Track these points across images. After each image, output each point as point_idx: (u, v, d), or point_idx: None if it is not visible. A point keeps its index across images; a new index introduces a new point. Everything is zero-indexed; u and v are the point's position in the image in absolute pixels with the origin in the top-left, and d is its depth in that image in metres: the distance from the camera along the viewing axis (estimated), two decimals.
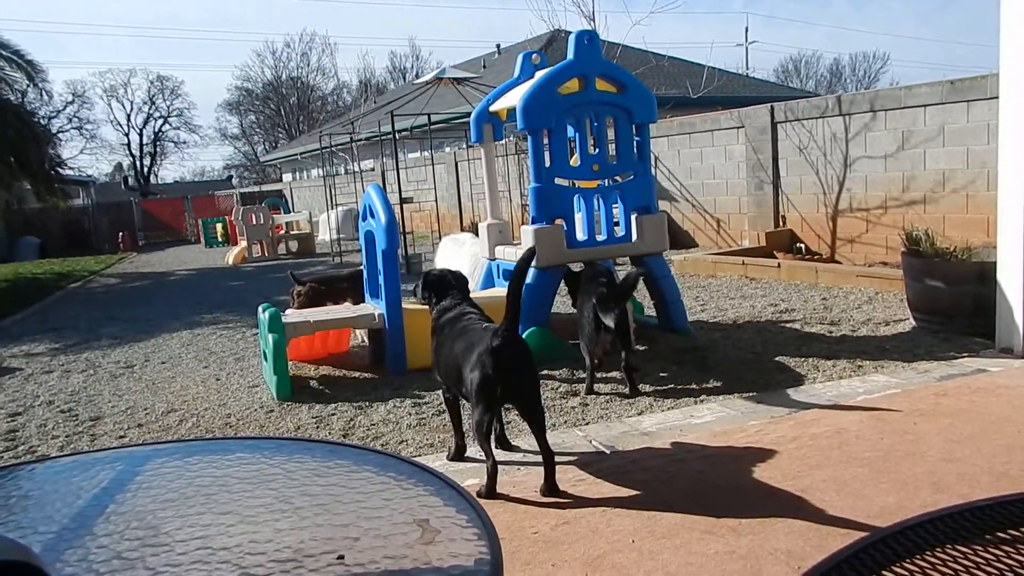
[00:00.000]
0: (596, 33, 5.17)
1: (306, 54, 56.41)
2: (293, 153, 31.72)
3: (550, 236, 4.90)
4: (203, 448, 1.24)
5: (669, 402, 3.85)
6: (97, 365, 5.87)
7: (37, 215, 20.84)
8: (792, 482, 2.70)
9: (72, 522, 0.95)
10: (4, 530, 0.93)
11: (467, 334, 2.92)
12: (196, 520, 0.96)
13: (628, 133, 5.13)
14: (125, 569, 0.83)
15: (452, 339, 2.99)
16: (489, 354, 2.72)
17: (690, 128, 10.15)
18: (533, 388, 2.84)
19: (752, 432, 3.23)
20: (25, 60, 13.56)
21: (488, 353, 2.72)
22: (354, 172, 16.10)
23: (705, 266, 7.96)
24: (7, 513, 0.99)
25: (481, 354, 2.75)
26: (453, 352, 2.94)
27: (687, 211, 10.37)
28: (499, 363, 2.71)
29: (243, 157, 52.55)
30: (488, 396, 2.74)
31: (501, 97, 5.73)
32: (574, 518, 2.55)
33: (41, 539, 0.90)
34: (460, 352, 2.89)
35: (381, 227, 4.71)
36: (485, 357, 2.72)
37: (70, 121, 43.14)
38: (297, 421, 4.02)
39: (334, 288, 5.73)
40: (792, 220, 8.74)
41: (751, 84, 24.08)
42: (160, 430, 4.06)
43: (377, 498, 1.02)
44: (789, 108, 8.64)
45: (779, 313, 5.71)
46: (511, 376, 2.74)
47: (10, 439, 4.09)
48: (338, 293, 5.65)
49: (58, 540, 0.90)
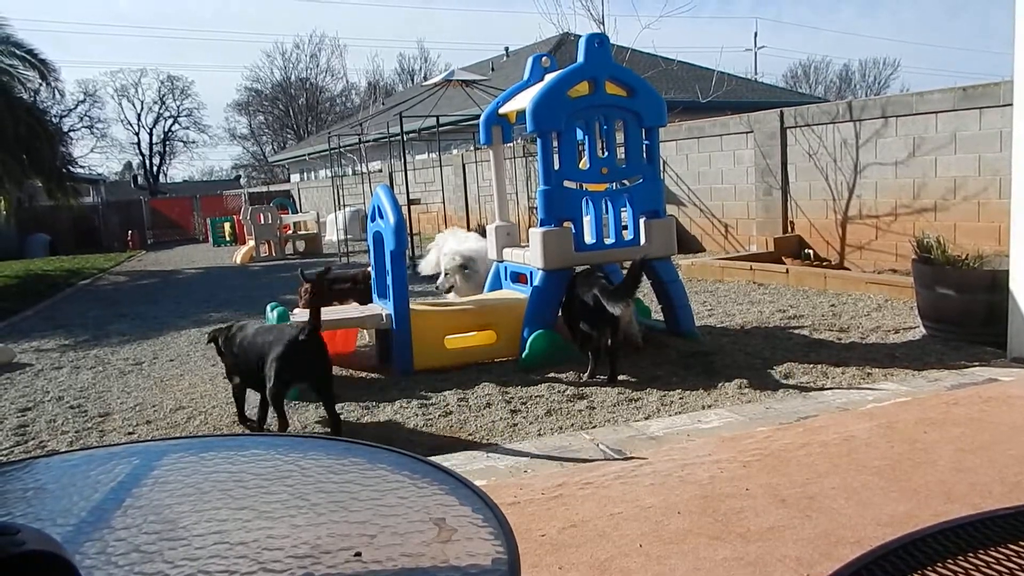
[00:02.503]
0: (606, 36, 5.17)
1: (315, 55, 56.67)
2: (301, 154, 31.83)
3: (558, 239, 4.90)
4: (218, 444, 1.24)
5: (676, 407, 3.85)
6: (106, 362, 5.90)
7: (47, 212, 20.96)
8: (801, 489, 2.68)
9: (90, 515, 0.95)
10: (24, 522, 0.93)
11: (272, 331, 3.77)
12: (213, 515, 0.97)
13: (638, 137, 5.13)
14: (144, 562, 0.84)
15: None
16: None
17: (699, 132, 10.14)
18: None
19: (760, 438, 3.22)
20: (38, 59, 13.64)
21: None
22: (362, 173, 16.14)
23: (713, 271, 7.94)
24: (26, 505, 1.00)
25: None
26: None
27: (695, 216, 10.36)
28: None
29: (252, 157, 52.78)
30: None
31: (511, 99, 5.74)
32: (581, 521, 2.55)
33: (60, 531, 0.90)
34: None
35: (390, 228, 4.72)
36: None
37: (81, 120, 43.49)
38: (304, 420, 4.03)
39: (340, 288, 5.74)
40: (801, 226, 8.72)
41: (760, 89, 24.05)
42: (168, 427, 4.07)
43: (392, 496, 1.02)
44: (799, 113, 8.63)
45: (787, 319, 5.69)
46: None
47: (20, 434, 4.11)
48: (344, 292, 5.67)
49: (77, 533, 0.90)
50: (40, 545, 0.56)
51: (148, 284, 12.25)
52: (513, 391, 4.26)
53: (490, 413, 3.92)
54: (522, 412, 3.91)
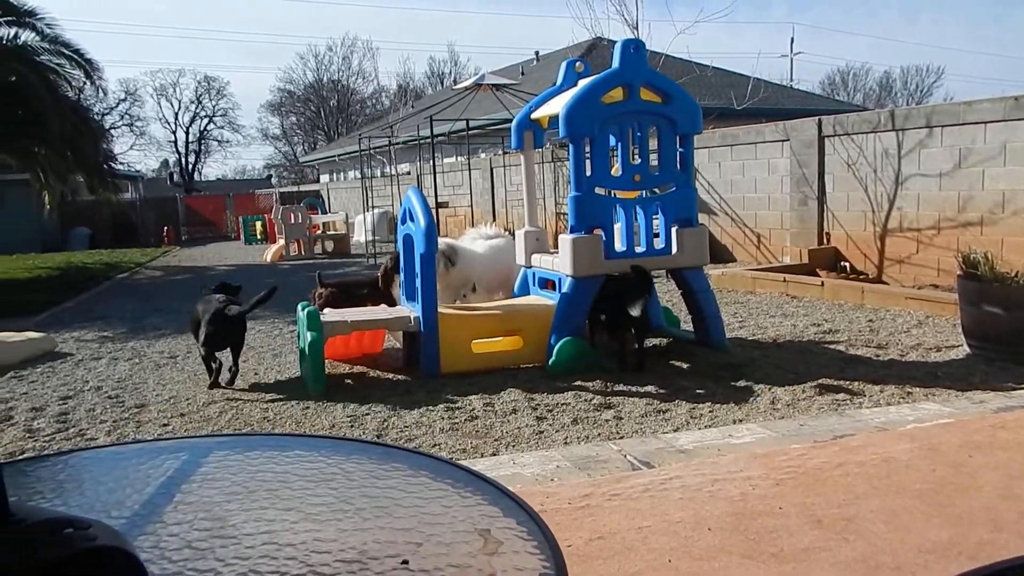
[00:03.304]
0: (642, 42, 5.15)
1: (347, 58, 57.25)
2: (331, 155, 32.14)
3: (588, 246, 4.88)
4: (262, 443, 1.26)
5: (706, 420, 3.81)
6: (142, 354, 6.01)
7: (88, 207, 21.41)
8: (837, 510, 2.63)
9: (143, 509, 0.97)
10: (79, 511, 0.95)
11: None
12: (261, 515, 0.97)
13: (671, 144, 5.10)
14: (196, 559, 0.85)
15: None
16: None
17: (732, 140, 10.05)
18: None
19: (794, 456, 3.17)
20: (84, 58, 13.93)
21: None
22: (390, 175, 16.26)
23: (744, 281, 7.86)
24: (80, 496, 1.02)
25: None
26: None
27: (726, 225, 10.26)
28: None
29: (283, 157, 53.47)
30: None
31: (543, 105, 5.73)
32: (608, 533, 2.53)
33: (114, 524, 0.91)
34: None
35: (420, 231, 4.74)
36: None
37: (122, 118, 44.48)
38: (332, 419, 4.06)
39: (355, 293, 5.70)
40: (837, 237, 8.59)
41: (796, 96, 23.77)
42: (201, 420, 4.13)
43: (436, 504, 1.02)
44: (838, 122, 8.51)
45: (822, 333, 5.61)
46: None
47: (62, 421, 4.21)
48: (359, 299, 5.60)
49: (130, 526, 0.92)
50: (109, 540, 0.57)
51: (182, 280, 12.44)
52: (539, 398, 4.25)
53: (516, 419, 3.91)
54: (548, 419, 3.90)
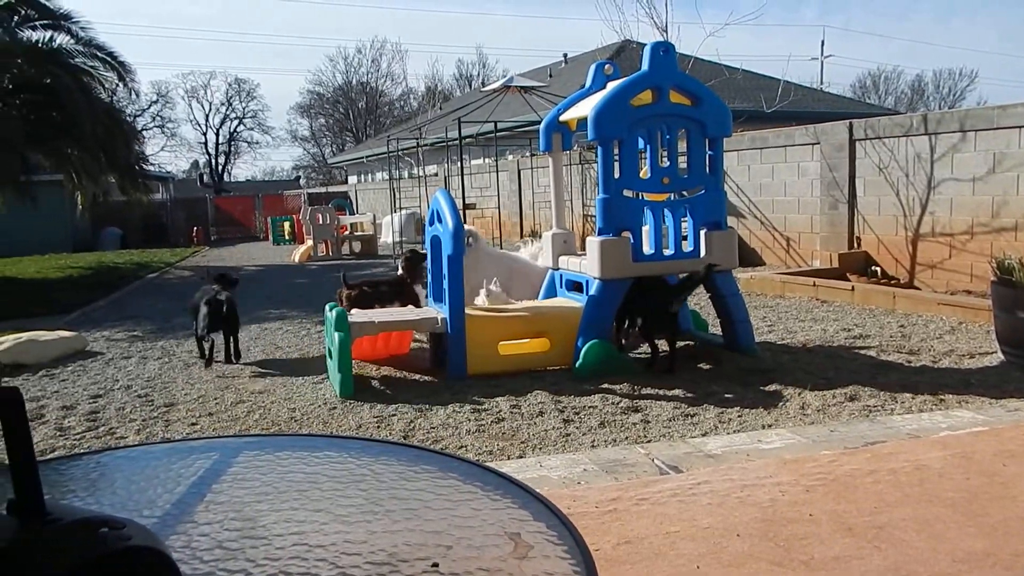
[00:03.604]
0: (672, 45, 5.11)
1: (376, 60, 57.60)
2: (359, 156, 32.40)
3: (616, 248, 4.85)
4: (291, 444, 1.26)
5: (735, 424, 3.76)
6: (171, 354, 6.09)
7: (120, 208, 21.73)
8: (869, 518, 2.58)
9: (174, 508, 0.97)
10: (111, 510, 0.95)
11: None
12: (291, 515, 0.97)
13: (701, 147, 5.06)
14: (227, 559, 0.85)
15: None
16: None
17: (762, 143, 9.94)
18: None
19: (825, 462, 3.12)
20: (117, 61, 14.16)
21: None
22: (418, 176, 16.34)
23: (773, 285, 7.76)
24: (112, 495, 1.02)
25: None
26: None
27: (755, 228, 10.15)
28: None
29: (311, 159, 54.00)
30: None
31: (572, 107, 5.72)
32: (636, 538, 2.50)
33: (146, 523, 0.91)
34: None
35: (448, 232, 4.75)
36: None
37: (153, 120, 45.25)
38: (359, 420, 4.08)
39: (378, 292, 5.81)
40: (868, 242, 8.45)
41: (827, 99, 23.44)
42: (229, 420, 4.17)
43: (466, 507, 1.01)
44: (869, 125, 8.37)
45: (852, 339, 5.52)
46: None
47: (92, 419, 4.28)
48: (383, 296, 5.73)
49: (162, 525, 0.92)
50: (144, 540, 0.57)
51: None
52: (566, 400, 4.23)
53: (542, 422, 3.90)
54: (575, 422, 3.88)
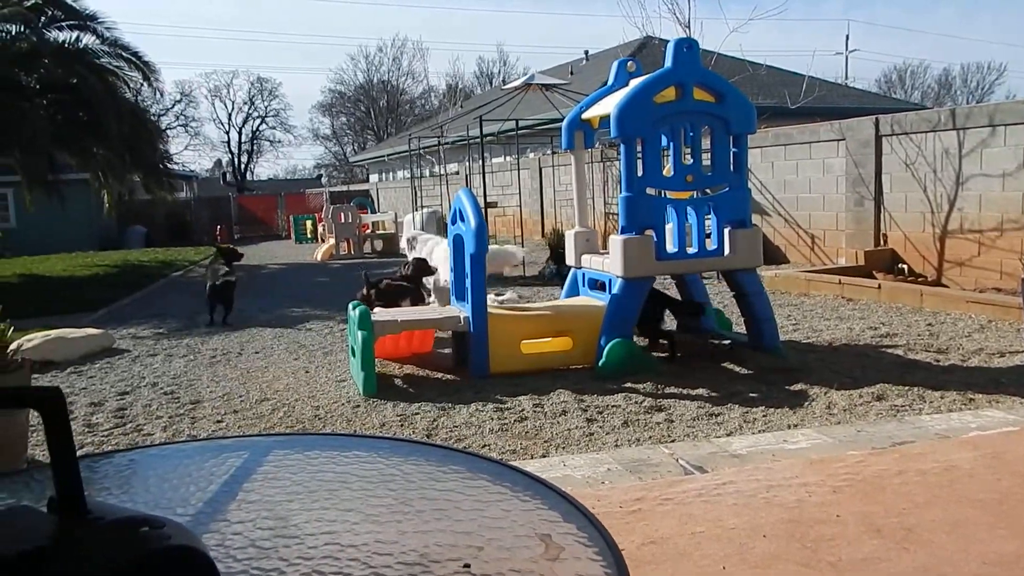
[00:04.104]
0: (696, 41, 5.07)
1: (397, 59, 57.78)
2: (380, 154, 32.54)
3: (639, 247, 4.83)
4: (321, 443, 1.26)
5: (760, 424, 3.72)
6: (197, 351, 6.16)
7: (145, 206, 22.06)
8: (897, 519, 2.55)
9: (207, 506, 0.97)
10: (145, 508, 0.96)
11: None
12: (322, 515, 0.98)
13: (725, 144, 5.01)
14: (260, 558, 0.85)
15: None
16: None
17: (786, 139, 9.83)
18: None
19: (852, 463, 3.08)
20: (142, 60, 14.35)
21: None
22: (439, 175, 16.38)
23: (798, 283, 7.68)
24: (145, 492, 1.03)
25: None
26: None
27: (779, 226, 10.05)
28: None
29: (333, 157, 54.31)
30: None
31: (594, 104, 5.69)
32: (661, 538, 2.49)
33: (180, 521, 0.92)
34: None
35: (470, 231, 4.75)
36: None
37: (177, 119, 45.77)
38: (382, 418, 4.09)
39: (397, 291, 5.95)
40: (894, 239, 8.33)
41: (852, 94, 23.16)
42: (254, 417, 4.21)
43: (496, 508, 1.01)
44: (896, 121, 8.25)
45: (879, 337, 5.44)
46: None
47: (119, 416, 4.34)
48: (400, 294, 5.89)
49: (196, 523, 0.93)
50: (183, 540, 0.57)
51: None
52: (589, 399, 4.22)
53: (565, 421, 3.89)
54: (598, 421, 3.86)
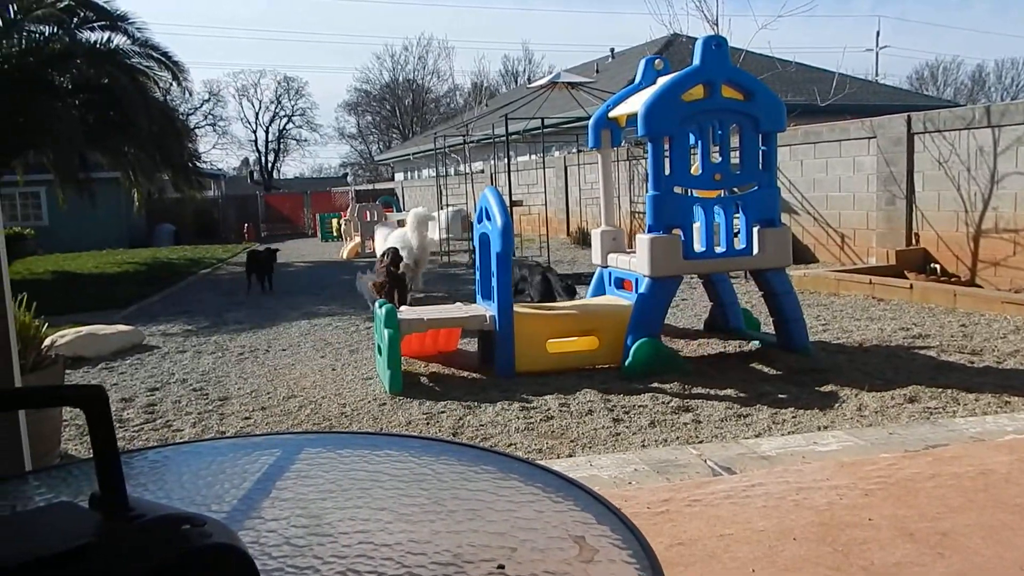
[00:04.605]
0: (724, 39, 5.01)
1: (423, 57, 57.96)
2: (406, 153, 32.69)
3: (666, 246, 4.79)
4: (352, 441, 1.27)
5: (789, 425, 3.68)
6: (225, 348, 6.23)
7: (173, 204, 22.37)
8: (931, 524, 2.50)
9: (241, 504, 0.98)
10: (181, 504, 0.97)
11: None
12: (355, 513, 0.98)
13: (754, 142, 4.95)
14: (295, 556, 0.85)
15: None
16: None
17: (815, 137, 9.70)
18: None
19: (884, 465, 3.03)
20: (172, 60, 14.56)
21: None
22: (465, 173, 16.41)
23: (827, 283, 7.57)
24: (180, 489, 1.04)
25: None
26: None
27: (808, 224, 9.92)
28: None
29: (358, 156, 54.67)
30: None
31: (621, 103, 5.66)
32: (689, 540, 2.47)
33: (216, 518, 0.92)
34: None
35: (497, 230, 4.75)
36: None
37: (205, 118, 46.37)
38: (408, 416, 4.11)
39: (393, 283, 7.02)
40: (927, 238, 8.18)
41: (883, 92, 22.77)
42: (282, 414, 4.25)
43: (529, 509, 1.00)
44: (928, 118, 8.10)
45: (911, 338, 5.35)
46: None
47: (149, 412, 4.40)
48: (395, 286, 6.96)
49: (231, 521, 0.93)
50: (224, 538, 0.57)
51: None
52: (615, 399, 4.20)
53: (592, 420, 3.87)
54: (625, 421, 3.84)
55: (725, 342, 5.44)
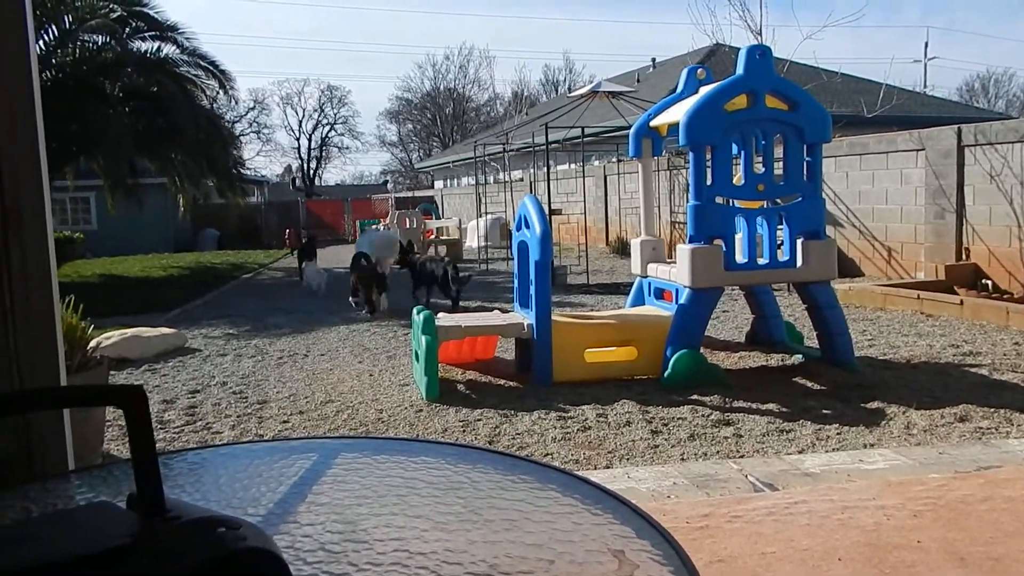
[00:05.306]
0: (769, 48, 4.94)
1: (464, 66, 58.42)
2: (445, 161, 32.93)
3: (707, 257, 4.72)
4: (389, 447, 1.26)
5: (834, 442, 3.58)
6: (265, 352, 6.32)
7: (218, 210, 22.87)
8: (983, 548, 2.40)
9: (276, 507, 0.97)
10: (217, 507, 0.97)
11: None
12: (391, 520, 0.96)
13: (798, 153, 4.86)
14: (330, 562, 0.84)
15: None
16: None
17: (861, 149, 9.50)
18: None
19: (933, 486, 2.92)
20: (219, 69, 14.92)
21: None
22: (504, 182, 16.45)
23: (873, 298, 7.38)
24: (217, 491, 1.04)
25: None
26: None
27: (853, 237, 9.70)
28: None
29: (399, 163, 55.24)
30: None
31: (663, 112, 5.61)
32: (730, 557, 2.41)
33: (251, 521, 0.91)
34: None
35: (536, 238, 4.73)
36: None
37: (250, 125, 47.36)
38: (445, 423, 4.10)
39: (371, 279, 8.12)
40: (978, 253, 7.93)
41: (931, 103, 22.23)
42: (319, 419, 4.28)
43: (566, 520, 0.98)
44: (980, 130, 7.87)
45: (961, 355, 5.17)
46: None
47: (190, 414, 4.47)
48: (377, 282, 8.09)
49: (266, 524, 0.92)
50: (259, 542, 0.56)
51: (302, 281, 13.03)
52: (654, 411, 4.13)
53: (630, 432, 3.82)
54: (663, 434, 3.78)
55: (767, 355, 5.33)
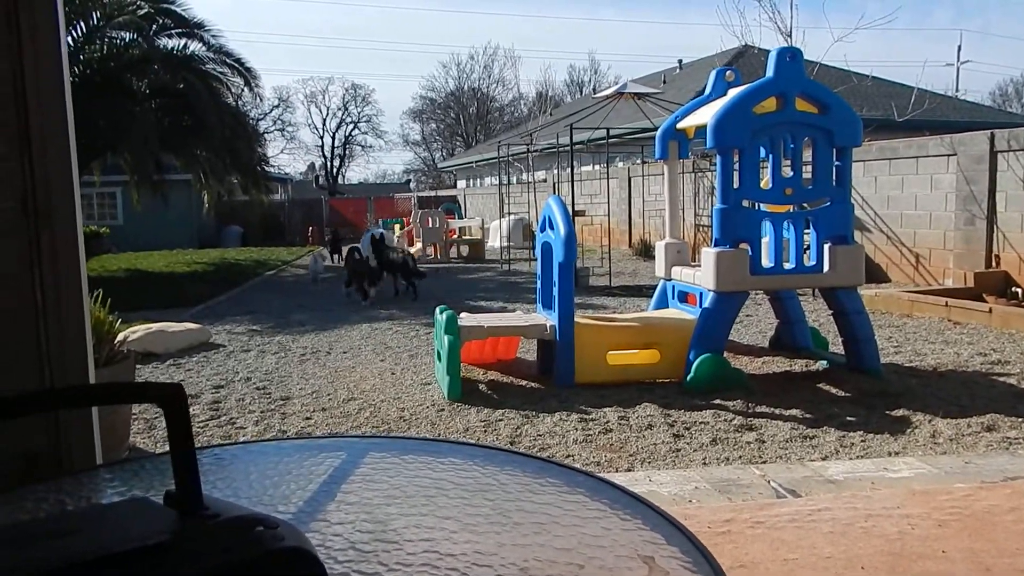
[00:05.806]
0: (799, 51, 4.89)
1: (488, 66, 58.44)
2: (469, 161, 32.98)
3: (733, 261, 4.68)
4: (416, 447, 1.26)
5: (858, 450, 3.53)
6: (288, 349, 6.37)
7: (242, 207, 23.06)
8: (1010, 560, 2.36)
9: (307, 506, 0.98)
10: (249, 505, 0.97)
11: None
12: (420, 521, 0.97)
13: (827, 157, 4.81)
14: (360, 561, 0.85)
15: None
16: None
17: (891, 153, 9.37)
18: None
19: (959, 496, 2.87)
20: (244, 67, 15.05)
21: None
22: (527, 182, 16.45)
23: (900, 304, 7.28)
24: (248, 488, 1.05)
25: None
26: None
27: (880, 243, 9.57)
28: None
29: (422, 163, 55.42)
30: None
31: (690, 114, 5.58)
32: (751, 563, 2.39)
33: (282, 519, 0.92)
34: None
35: (560, 239, 4.73)
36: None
37: (274, 123, 47.78)
38: (466, 423, 4.11)
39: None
40: (1008, 261, 7.78)
41: (963, 108, 21.87)
42: (341, 416, 4.31)
43: (595, 525, 0.98)
44: (1013, 136, 7.73)
45: (990, 364, 5.09)
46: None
47: (214, 409, 4.52)
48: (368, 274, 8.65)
49: (297, 522, 0.93)
50: (296, 542, 0.57)
51: (324, 278, 13.12)
52: (676, 414, 4.11)
53: (651, 435, 3.80)
54: (685, 437, 3.76)
55: (791, 361, 5.28)
